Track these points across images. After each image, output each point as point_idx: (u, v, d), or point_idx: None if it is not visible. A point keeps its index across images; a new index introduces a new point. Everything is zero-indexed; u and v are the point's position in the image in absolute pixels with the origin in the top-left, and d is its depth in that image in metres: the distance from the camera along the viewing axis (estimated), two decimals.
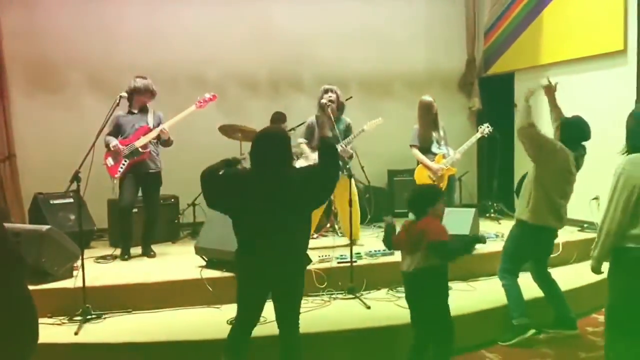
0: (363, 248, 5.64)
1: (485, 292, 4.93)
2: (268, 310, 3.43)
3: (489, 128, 6.41)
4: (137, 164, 5.62)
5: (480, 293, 4.92)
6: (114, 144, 5.54)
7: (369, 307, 4.58)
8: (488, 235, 6.02)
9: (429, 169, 6.13)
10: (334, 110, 5.79)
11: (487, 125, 6.45)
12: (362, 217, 6.85)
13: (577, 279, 4.99)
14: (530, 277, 4.57)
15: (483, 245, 5.64)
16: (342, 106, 5.94)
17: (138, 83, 5.58)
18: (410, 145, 6.25)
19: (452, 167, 6.22)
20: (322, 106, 5.75)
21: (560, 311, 4.48)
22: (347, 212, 5.21)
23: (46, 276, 4.67)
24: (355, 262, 4.98)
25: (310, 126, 5.95)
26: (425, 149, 6.17)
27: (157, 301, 4.64)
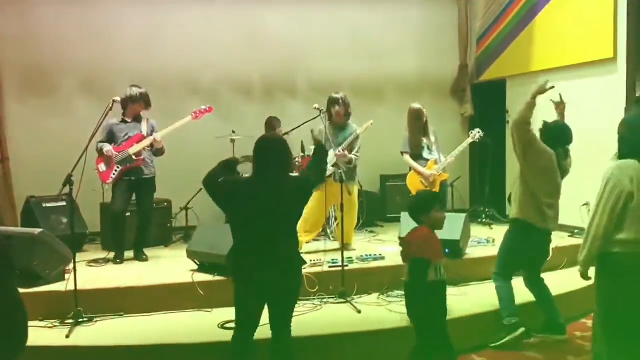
0: (355, 253, 5.68)
1: (475, 296, 4.95)
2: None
3: (480, 133, 6.46)
4: (131, 169, 5.64)
5: (471, 298, 4.95)
6: (107, 149, 5.56)
7: (359, 312, 4.60)
8: (479, 241, 6.07)
9: (421, 175, 6.16)
10: (341, 118, 5.92)
11: (478, 130, 6.50)
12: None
13: (567, 284, 5.02)
14: (522, 282, 4.60)
15: (474, 249, 5.78)
16: (349, 114, 6.03)
17: (133, 91, 5.61)
18: (402, 152, 6.28)
19: (444, 173, 6.26)
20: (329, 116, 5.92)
21: (550, 316, 4.52)
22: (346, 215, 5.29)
23: (38, 279, 4.69)
24: (346, 266, 5.00)
25: (320, 133, 5.99)
26: (417, 155, 6.21)
27: (149, 304, 4.65)
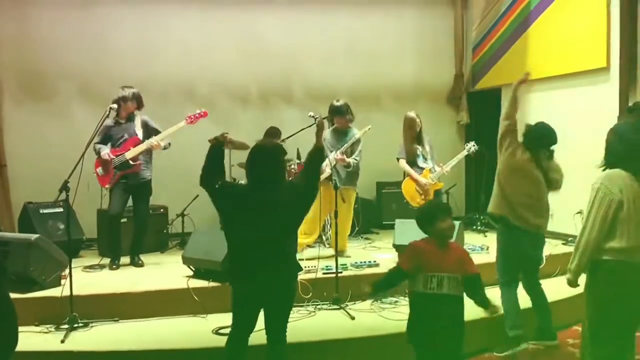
0: (349, 259, 5.71)
1: (469, 303, 4.95)
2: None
3: (475, 147, 6.52)
4: (128, 174, 5.67)
5: (465, 304, 4.96)
6: (105, 152, 5.59)
7: (353, 318, 4.63)
8: (473, 248, 6.10)
9: (416, 182, 6.22)
10: (344, 124, 6.05)
11: (473, 143, 6.56)
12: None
13: (559, 291, 5.02)
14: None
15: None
16: (351, 119, 6.16)
17: (125, 92, 5.64)
18: (398, 158, 6.34)
19: (439, 182, 6.32)
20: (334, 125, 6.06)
21: (543, 322, 4.56)
22: (341, 221, 5.35)
23: (34, 284, 4.72)
24: (340, 273, 5.03)
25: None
26: (411, 163, 6.27)
27: (144, 310, 4.68)
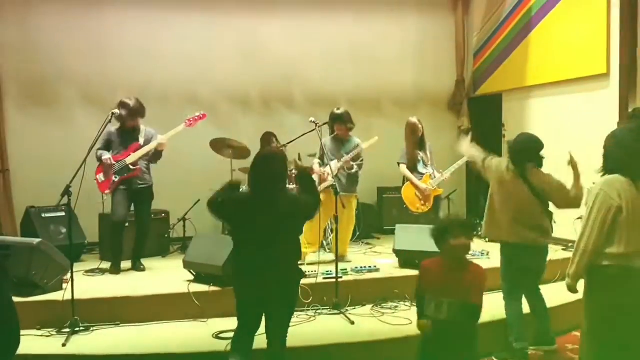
0: (350, 264, 5.73)
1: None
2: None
3: None
4: (128, 179, 5.70)
5: None
6: (107, 157, 5.61)
7: (353, 323, 4.65)
8: (474, 253, 6.12)
9: (417, 187, 6.24)
10: (345, 132, 6.08)
11: None
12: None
13: (559, 296, 5.04)
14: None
15: None
16: (351, 128, 6.16)
17: (124, 107, 5.56)
18: (399, 163, 6.38)
19: (438, 189, 6.35)
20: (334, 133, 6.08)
21: (542, 328, 4.57)
22: (342, 227, 5.39)
23: (36, 288, 4.75)
24: (340, 278, 5.05)
25: (321, 147, 6.06)
26: (412, 168, 6.32)
27: (145, 314, 4.71)
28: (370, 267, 5.55)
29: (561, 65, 6.94)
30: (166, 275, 5.56)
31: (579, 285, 3.33)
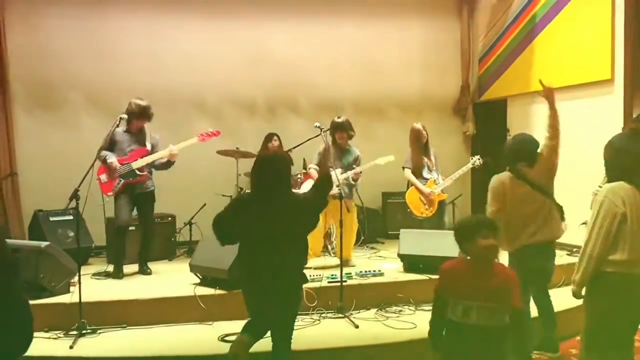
0: (354, 268, 5.76)
1: None
2: None
3: (479, 160, 6.55)
4: (133, 184, 5.69)
5: None
6: (112, 160, 5.55)
7: (357, 327, 4.67)
8: None
9: (421, 192, 6.27)
10: (345, 141, 6.11)
11: (478, 157, 6.59)
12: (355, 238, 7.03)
13: (564, 301, 5.06)
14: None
15: None
16: (351, 136, 6.19)
17: (134, 107, 5.58)
18: (403, 167, 6.41)
19: (443, 194, 6.37)
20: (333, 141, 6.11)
21: (547, 333, 4.58)
22: (345, 232, 5.41)
23: (43, 291, 4.79)
24: (345, 282, 5.08)
25: (321, 153, 6.12)
26: (417, 174, 6.34)
27: (152, 317, 4.75)
28: (374, 271, 5.58)
29: (566, 71, 6.96)
30: (172, 279, 5.60)
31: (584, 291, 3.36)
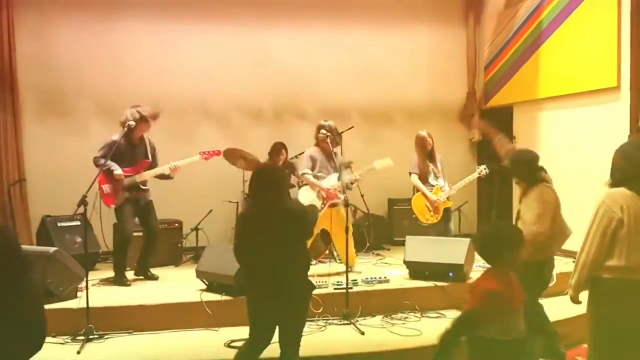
0: (360, 275, 5.76)
1: None
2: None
3: (485, 170, 6.56)
4: (136, 196, 5.70)
5: None
6: (118, 172, 5.53)
7: (363, 333, 4.68)
8: (483, 265, 6.11)
9: (427, 198, 6.29)
10: (328, 145, 5.98)
11: (484, 166, 6.60)
12: (361, 244, 7.04)
13: (570, 309, 5.04)
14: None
15: (478, 274, 5.80)
16: (336, 141, 6.13)
17: (136, 114, 5.60)
18: (410, 173, 6.43)
19: (448, 201, 6.38)
20: (318, 141, 6.06)
21: (550, 342, 4.56)
22: (344, 239, 5.39)
23: (51, 296, 4.82)
24: (351, 288, 5.09)
25: (313, 157, 6.11)
26: (423, 180, 6.36)
27: (158, 322, 4.78)
28: (380, 277, 5.58)
29: (572, 78, 6.96)
30: (179, 285, 5.62)
31: (583, 296, 3.34)
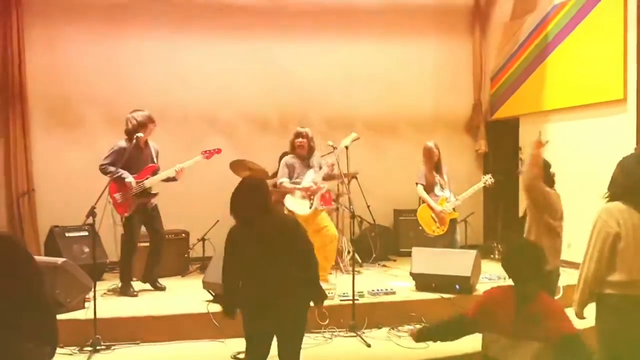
0: (367, 286, 5.64)
1: None
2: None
3: (491, 179, 6.58)
4: (144, 202, 5.71)
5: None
6: (130, 180, 5.55)
7: (369, 345, 4.69)
8: (490, 277, 6.12)
9: (432, 209, 6.30)
10: (304, 150, 6.04)
11: (489, 176, 6.63)
12: (367, 255, 7.04)
13: (578, 321, 5.05)
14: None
15: (484, 285, 5.80)
16: (312, 147, 6.14)
17: (140, 118, 5.63)
18: (416, 183, 6.45)
19: (454, 212, 6.39)
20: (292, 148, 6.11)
21: None
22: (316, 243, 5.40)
23: (59, 307, 4.83)
24: (357, 300, 5.09)
25: (289, 165, 6.08)
26: (429, 191, 6.38)
27: (165, 334, 4.80)
28: (386, 289, 5.58)
29: (578, 90, 6.97)
30: (186, 295, 5.64)
31: (588, 311, 3.31)
